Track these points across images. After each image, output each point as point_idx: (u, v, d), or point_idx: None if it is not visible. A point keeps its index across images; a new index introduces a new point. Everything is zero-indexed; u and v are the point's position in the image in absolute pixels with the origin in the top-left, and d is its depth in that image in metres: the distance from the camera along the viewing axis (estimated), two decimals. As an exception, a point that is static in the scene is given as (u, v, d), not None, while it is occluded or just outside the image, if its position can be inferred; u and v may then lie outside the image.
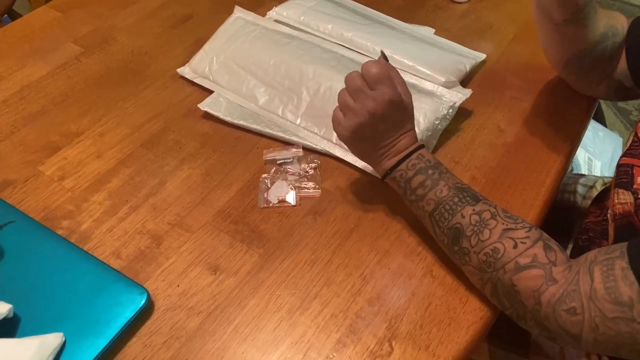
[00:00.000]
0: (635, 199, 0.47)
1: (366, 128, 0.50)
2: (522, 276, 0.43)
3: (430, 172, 0.50)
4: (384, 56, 0.52)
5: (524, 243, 0.44)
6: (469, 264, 0.47)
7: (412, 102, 0.53)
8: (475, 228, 0.46)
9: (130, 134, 0.65)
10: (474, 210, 0.47)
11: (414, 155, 0.51)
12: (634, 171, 0.49)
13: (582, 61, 0.60)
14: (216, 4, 0.85)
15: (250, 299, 0.50)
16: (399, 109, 0.51)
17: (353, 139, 0.52)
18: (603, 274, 0.40)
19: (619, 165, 0.51)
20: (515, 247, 0.44)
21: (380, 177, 0.54)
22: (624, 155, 0.51)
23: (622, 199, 0.49)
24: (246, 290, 0.50)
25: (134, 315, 0.47)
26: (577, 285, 0.41)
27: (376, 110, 0.49)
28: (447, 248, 0.49)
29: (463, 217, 0.47)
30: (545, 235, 0.45)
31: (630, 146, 0.52)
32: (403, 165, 0.51)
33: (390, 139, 0.52)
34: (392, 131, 0.51)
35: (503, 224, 0.46)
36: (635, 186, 0.48)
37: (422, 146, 0.52)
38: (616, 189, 0.50)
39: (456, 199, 0.48)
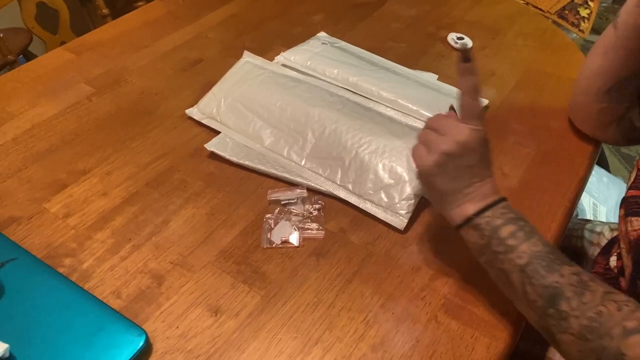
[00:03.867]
0: None
1: (453, 160, 0.46)
2: (631, 342, 0.37)
3: (521, 223, 0.45)
4: (452, 109, 0.51)
5: (628, 306, 0.39)
6: (567, 331, 0.41)
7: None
8: (576, 289, 0.41)
9: (137, 172, 0.66)
10: (571, 270, 0.42)
11: (503, 204, 0.47)
12: None
13: (623, 89, 0.60)
14: (226, 49, 0.88)
15: (251, 343, 0.49)
16: (486, 147, 0.48)
17: (436, 173, 0.47)
18: None
19: (626, 199, 0.50)
20: (619, 309, 0.39)
21: (456, 224, 0.48)
22: (629, 188, 0.51)
23: (637, 225, 0.48)
24: (247, 334, 0.49)
25: (131, 358, 0.46)
26: None
27: (466, 140, 0.46)
28: (538, 311, 0.43)
29: (562, 276, 0.42)
30: None
31: (634, 180, 0.51)
32: (490, 212, 0.46)
33: (476, 178, 0.47)
34: (478, 170, 0.47)
35: (602, 286, 0.41)
36: None
37: (506, 198, 0.48)
38: (628, 218, 0.49)
39: (552, 256, 0.43)
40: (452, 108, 0.51)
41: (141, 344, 0.47)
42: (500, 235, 0.45)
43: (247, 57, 0.79)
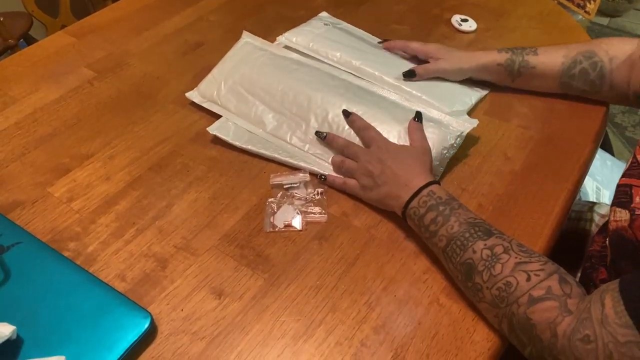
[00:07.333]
0: (632, 215, 0.47)
1: (383, 173, 0.55)
2: (537, 308, 0.42)
3: (441, 208, 0.50)
4: (418, 117, 0.61)
5: (538, 275, 0.43)
6: (483, 300, 0.46)
7: (422, 146, 0.58)
8: (487, 263, 0.46)
9: (140, 157, 0.66)
10: (485, 244, 0.47)
11: (424, 192, 0.52)
12: (633, 191, 0.49)
13: (569, 85, 0.67)
14: (227, 32, 0.87)
15: (255, 325, 0.49)
16: (397, 152, 0.57)
17: (371, 190, 0.57)
18: (614, 300, 0.39)
19: (618, 186, 0.51)
20: (528, 279, 0.43)
21: (401, 215, 0.55)
22: (623, 176, 0.51)
23: (618, 217, 0.49)
24: (250, 316, 0.50)
25: (136, 340, 0.46)
26: (589, 313, 0.40)
27: (383, 156, 0.56)
28: (462, 284, 0.49)
29: (474, 252, 0.47)
30: (562, 269, 0.45)
31: (629, 167, 0.52)
32: (414, 202, 0.52)
33: (405, 176, 0.54)
34: (406, 167, 0.55)
35: (516, 257, 0.45)
36: (633, 205, 0.48)
37: (433, 182, 0.53)
38: (613, 207, 0.50)
39: (467, 234, 0.48)
40: (418, 115, 0.62)
41: (146, 326, 0.47)
42: (424, 222, 0.51)
43: (247, 38, 0.78)
